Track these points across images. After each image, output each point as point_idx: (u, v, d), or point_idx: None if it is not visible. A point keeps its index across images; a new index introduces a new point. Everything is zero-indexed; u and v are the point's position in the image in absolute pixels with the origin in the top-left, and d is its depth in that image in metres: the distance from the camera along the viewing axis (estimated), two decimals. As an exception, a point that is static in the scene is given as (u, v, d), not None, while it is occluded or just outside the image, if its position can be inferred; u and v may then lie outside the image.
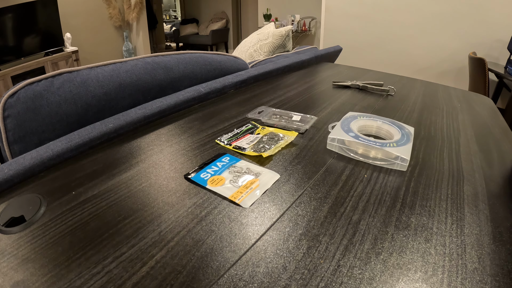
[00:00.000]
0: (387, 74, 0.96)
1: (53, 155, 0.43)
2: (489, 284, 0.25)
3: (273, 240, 0.30)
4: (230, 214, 0.33)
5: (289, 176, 0.40)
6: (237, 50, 1.61)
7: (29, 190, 0.38)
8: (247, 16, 6.17)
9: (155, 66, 0.68)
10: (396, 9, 2.80)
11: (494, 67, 2.19)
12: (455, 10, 2.52)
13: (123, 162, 0.43)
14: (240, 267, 0.26)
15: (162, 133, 0.53)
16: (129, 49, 4.58)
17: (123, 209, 0.34)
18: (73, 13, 3.86)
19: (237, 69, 0.87)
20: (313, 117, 0.57)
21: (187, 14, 7.20)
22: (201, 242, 0.29)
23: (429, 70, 2.81)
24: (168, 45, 6.95)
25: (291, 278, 0.25)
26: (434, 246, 0.28)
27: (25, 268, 0.27)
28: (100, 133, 0.49)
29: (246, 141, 0.48)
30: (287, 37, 1.45)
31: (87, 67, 0.60)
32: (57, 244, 0.29)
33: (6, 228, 0.31)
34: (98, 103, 0.59)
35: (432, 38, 2.71)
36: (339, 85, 0.81)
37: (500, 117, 0.66)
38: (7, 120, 0.50)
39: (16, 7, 3.07)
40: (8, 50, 3.09)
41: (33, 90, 0.52)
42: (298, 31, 4.48)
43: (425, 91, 0.80)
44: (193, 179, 0.39)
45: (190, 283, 0.25)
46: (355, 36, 3.09)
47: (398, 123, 0.50)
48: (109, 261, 0.27)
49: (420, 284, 0.25)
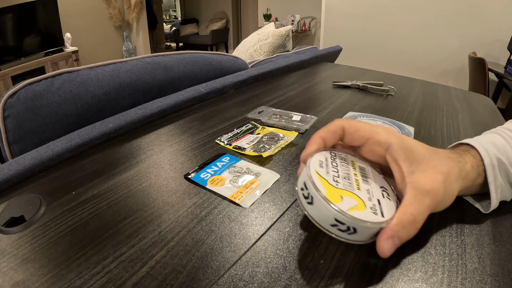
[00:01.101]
0: (387, 74, 0.96)
1: (53, 155, 0.43)
2: (489, 284, 0.25)
3: (273, 240, 0.30)
4: (230, 214, 0.33)
5: (289, 176, 0.40)
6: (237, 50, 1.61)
7: (29, 190, 0.38)
8: (247, 16, 6.17)
9: (155, 66, 0.68)
10: (396, 9, 2.80)
11: (494, 67, 2.19)
12: (455, 10, 2.52)
13: (123, 162, 0.43)
14: (240, 267, 0.26)
15: (162, 133, 0.53)
16: (129, 49, 4.58)
17: (123, 209, 0.34)
18: (73, 13, 3.86)
19: (237, 69, 0.87)
20: (313, 117, 0.57)
21: (187, 14, 7.20)
22: (201, 242, 0.29)
23: (429, 70, 2.81)
24: (168, 45, 6.95)
25: (291, 278, 0.25)
26: (434, 246, 0.28)
27: (25, 268, 0.27)
28: (100, 133, 0.49)
29: (246, 141, 0.48)
30: (287, 37, 1.45)
31: (87, 67, 0.60)
32: (57, 244, 0.29)
33: (6, 228, 0.31)
34: (98, 103, 0.59)
35: (432, 38, 2.71)
36: (339, 85, 0.81)
37: (500, 117, 0.66)
38: (7, 120, 0.51)
39: (16, 7, 3.07)
40: (8, 50, 3.10)
41: (33, 90, 0.52)
42: (298, 31, 4.48)
43: (425, 91, 0.80)
44: (193, 179, 0.39)
45: (190, 283, 0.25)
46: (355, 36, 3.09)
47: (398, 123, 0.50)
48: (109, 261, 0.27)
49: (420, 284, 0.25)
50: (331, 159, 0.30)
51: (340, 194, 0.25)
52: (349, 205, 0.24)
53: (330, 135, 0.30)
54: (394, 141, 0.28)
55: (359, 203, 0.25)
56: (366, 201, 0.26)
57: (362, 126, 0.30)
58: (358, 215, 0.24)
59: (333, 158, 0.30)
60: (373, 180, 0.29)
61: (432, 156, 0.28)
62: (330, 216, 0.24)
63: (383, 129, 0.29)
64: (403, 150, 0.27)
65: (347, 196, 0.25)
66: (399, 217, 0.25)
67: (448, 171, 0.28)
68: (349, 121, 0.30)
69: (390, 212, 0.26)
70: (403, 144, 0.28)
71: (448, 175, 0.28)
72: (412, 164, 0.27)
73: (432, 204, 0.27)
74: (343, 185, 0.26)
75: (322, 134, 0.30)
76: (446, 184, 0.27)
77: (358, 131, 0.30)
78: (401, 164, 0.27)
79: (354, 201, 0.25)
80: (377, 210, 0.25)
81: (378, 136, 0.29)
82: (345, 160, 0.30)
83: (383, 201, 0.27)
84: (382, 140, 0.28)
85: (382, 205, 0.26)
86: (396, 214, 0.25)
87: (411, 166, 0.27)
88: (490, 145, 0.32)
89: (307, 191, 0.26)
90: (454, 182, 0.28)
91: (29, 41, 3.28)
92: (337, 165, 0.29)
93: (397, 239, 0.25)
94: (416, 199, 0.26)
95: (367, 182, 0.28)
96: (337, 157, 0.30)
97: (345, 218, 0.23)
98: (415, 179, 0.26)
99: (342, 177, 0.27)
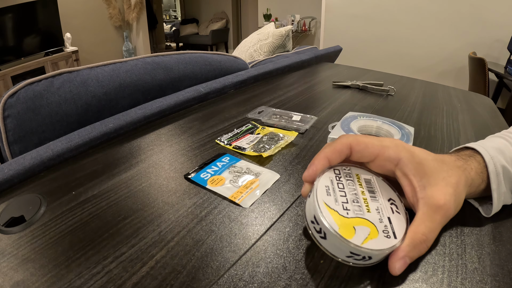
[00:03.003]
0: (387, 74, 0.96)
1: (53, 155, 0.43)
2: (489, 284, 0.25)
3: (273, 240, 0.30)
4: (230, 214, 0.33)
5: (289, 176, 0.40)
6: (237, 50, 1.61)
7: (29, 190, 0.38)
8: (247, 16, 6.17)
9: (155, 66, 0.68)
10: (396, 9, 2.80)
11: (494, 67, 2.19)
12: (455, 10, 2.52)
13: (123, 162, 0.43)
14: (240, 267, 0.26)
15: (162, 133, 0.53)
16: (129, 49, 4.58)
17: (123, 209, 0.34)
18: (73, 13, 3.86)
19: (237, 69, 0.87)
20: (313, 117, 0.57)
21: (187, 14, 7.20)
22: (201, 242, 0.29)
23: (429, 70, 2.81)
24: (168, 45, 6.95)
25: (291, 278, 0.25)
26: (434, 246, 0.28)
27: (25, 268, 0.27)
28: (100, 133, 0.49)
29: (246, 141, 0.48)
30: (287, 37, 1.45)
31: (87, 67, 0.60)
32: (57, 244, 0.29)
33: (6, 228, 0.31)
34: (98, 103, 0.59)
35: (432, 38, 2.71)
36: (339, 85, 0.81)
37: (500, 117, 0.66)
38: (7, 120, 0.51)
39: (16, 7, 3.07)
40: (8, 50, 3.10)
41: (33, 90, 0.52)
42: (298, 31, 4.48)
43: (425, 91, 0.80)
44: (193, 179, 0.39)
45: (190, 283, 0.25)
46: (355, 36, 3.09)
47: (398, 123, 0.50)
48: (109, 261, 0.27)
49: (420, 284, 0.25)
50: (336, 179, 0.28)
51: (353, 224, 0.25)
52: (363, 236, 0.24)
53: (336, 154, 0.29)
54: (403, 156, 0.27)
55: (371, 230, 0.25)
56: (378, 224, 0.25)
57: (370, 143, 0.28)
58: (372, 245, 0.24)
59: (338, 177, 0.28)
60: (381, 193, 0.28)
61: (441, 167, 0.28)
62: (345, 249, 0.24)
63: (391, 142, 0.28)
64: (413, 164, 0.27)
65: (359, 225, 0.25)
66: (411, 237, 0.25)
67: (457, 181, 0.28)
68: (356, 138, 0.29)
69: (401, 228, 0.26)
70: (413, 158, 0.27)
71: (457, 185, 0.27)
72: (423, 178, 0.27)
73: (443, 221, 0.26)
74: (353, 211, 0.26)
75: (327, 154, 0.29)
76: (456, 195, 0.27)
77: (367, 148, 0.28)
78: (411, 179, 0.27)
79: (367, 229, 0.25)
80: (389, 232, 0.25)
81: (388, 152, 0.28)
82: (349, 177, 0.29)
83: (393, 217, 0.26)
84: (392, 156, 0.28)
85: (393, 223, 0.26)
86: (408, 234, 0.25)
87: (421, 180, 0.26)
88: (495, 151, 0.31)
89: (319, 226, 0.25)
90: (462, 191, 0.28)
91: (29, 41, 3.28)
92: (343, 187, 0.28)
93: (408, 258, 0.24)
94: (427, 216, 0.26)
95: (375, 199, 0.27)
96: (342, 176, 0.29)
97: (361, 250, 0.23)
98: (427, 194, 0.26)
99: (351, 202, 0.26)
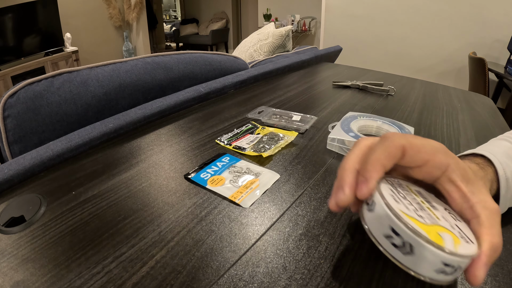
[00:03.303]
0: (387, 74, 0.96)
1: (53, 155, 0.43)
2: (489, 284, 0.25)
3: (273, 240, 0.30)
4: (230, 214, 0.33)
5: (289, 176, 0.40)
6: (237, 50, 1.61)
7: (29, 190, 0.38)
8: (247, 16, 6.17)
9: (155, 66, 0.68)
10: (396, 9, 2.80)
11: (494, 67, 2.19)
12: (455, 10, 2.52)
13: (123, 162, 0.43)
14: (240, 267, 0.26)
15: (162, 133, 0.53)
16: (129, 49, 4.58)
17: (123, 209, 0.34)
18: (73, 13, 3.86)
19: (237, 69, 0.87)
20: (313, 117, 0.57)
21: (187, 14, 7.19)
22: (201, 242, 0.29)
23: (429, 70, 2.81)
24: (168, 45, 6.95)
25: (291, 278, 0.25)
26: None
27: (25, 268, 0.27)
28: (100, 133, 0.49)
29: (246, 141, 0.48)
30: (287, 37, 1.45)
31: (87, 67, 0.60)
32: (57, 244, 0.29)
33: (6, 228, 0.31)
34: (98, 103, 0.59)
35: (432, 38, 2.71)
36: (339, 85, 0.81)
37: (500, 117, 0.66)
38: (7, 120, 0.51)
39: (16, 7, 3.07)
40: (8, 50, 3.09)
41: (33, 90, 0.52)
42: (298, 31, 4.48)
43: (425, 91, 0.80)
44: (193, 179, 0.39)
45: (190, 283, 0.25)
46: (355, 36, 3.09)
47: (398, 123, 0.50)
48: (109, 261, 0.27)
49: (420, 284, 0.25)
50: (394, 189, 0.24)
51: (436, 230, 0.21)
52: (452, 242, 0.20)
53: (391, 160, 0.25)
54: (451, 162, 0.26)
55: (453, 236, 0.21)
56: (453, 230, 0.22)
57: (422, 146, 0.25)
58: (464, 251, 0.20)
59: (394, 187, 0.24)
60: (436, 203, 0.25)
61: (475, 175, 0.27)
62: (436, 261, 0.20)
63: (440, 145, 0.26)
64: (460, 170, 0.26)
65: (442, 232, 0.21)
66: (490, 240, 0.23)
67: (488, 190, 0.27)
68: (408, 139, 0.25)
69: (471, 234, 0.23)
70: (458, 164, 0.26)
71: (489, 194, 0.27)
72: (468, 184, 0.25)
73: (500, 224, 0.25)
74: (428, 219, 0.22)
75: (382, 161, 0.24)
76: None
77: (420, 152, 0.25)
78: (459, 185, 0.25)
79: (449, 236, 0.21)
80: (465, 238, 0.22)
81: (439, 158, 0.26)
82: (402, 187, 0.25)
83: (460, 225, 0.23)
84: (443, 162, 0.26)
85: (463, 230, 0.23)
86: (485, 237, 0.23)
87: (467, 186, 0.25)
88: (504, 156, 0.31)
89: (400, 239, 0.21)
90: None
91: (29, 41, 3.28)
92: (404, 196, 0.24)
93: (489, 264, 0.22)
94: (493, 218, 0.24)
95: (435, 207, 0.24)
96: (396, 185, 0.25)
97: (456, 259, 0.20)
98: (481, 198, 0.25)
99: (420, 209, 0.23)
